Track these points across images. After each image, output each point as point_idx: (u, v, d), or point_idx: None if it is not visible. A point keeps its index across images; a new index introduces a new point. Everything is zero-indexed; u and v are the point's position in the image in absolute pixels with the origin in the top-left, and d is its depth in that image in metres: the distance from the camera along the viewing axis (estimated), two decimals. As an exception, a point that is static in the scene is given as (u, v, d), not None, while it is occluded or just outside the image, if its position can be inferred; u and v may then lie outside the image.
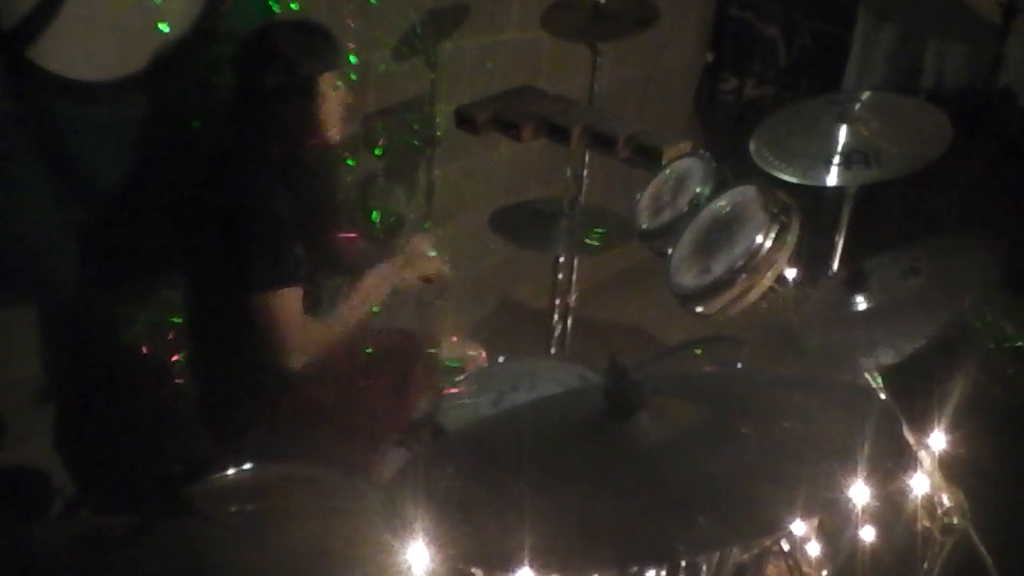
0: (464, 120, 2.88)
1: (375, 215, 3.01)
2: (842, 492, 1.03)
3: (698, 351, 2.51)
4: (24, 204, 2.09)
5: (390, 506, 1.18)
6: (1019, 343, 2.43)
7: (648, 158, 2.66)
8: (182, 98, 2.30)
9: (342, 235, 2.36)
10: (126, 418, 2.45)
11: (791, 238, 2.07)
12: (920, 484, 1.79)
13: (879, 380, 1.86)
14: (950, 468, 1.84)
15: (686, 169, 2.47)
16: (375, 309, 2.21)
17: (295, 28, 2.12)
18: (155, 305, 2.39)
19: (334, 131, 2.16)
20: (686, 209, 2.35)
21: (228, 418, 2.18)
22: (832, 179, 2.31)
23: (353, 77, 2.33)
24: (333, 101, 2.12)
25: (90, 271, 2.25)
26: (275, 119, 2.07)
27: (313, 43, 2.09)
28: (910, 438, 1.78)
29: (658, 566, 1.37)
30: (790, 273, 2.05)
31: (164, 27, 2.21)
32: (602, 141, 2.73)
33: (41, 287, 2.21)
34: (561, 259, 2.92)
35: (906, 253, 1.93)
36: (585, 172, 3.10)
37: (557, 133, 2.77)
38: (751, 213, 2.11)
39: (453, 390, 2.13)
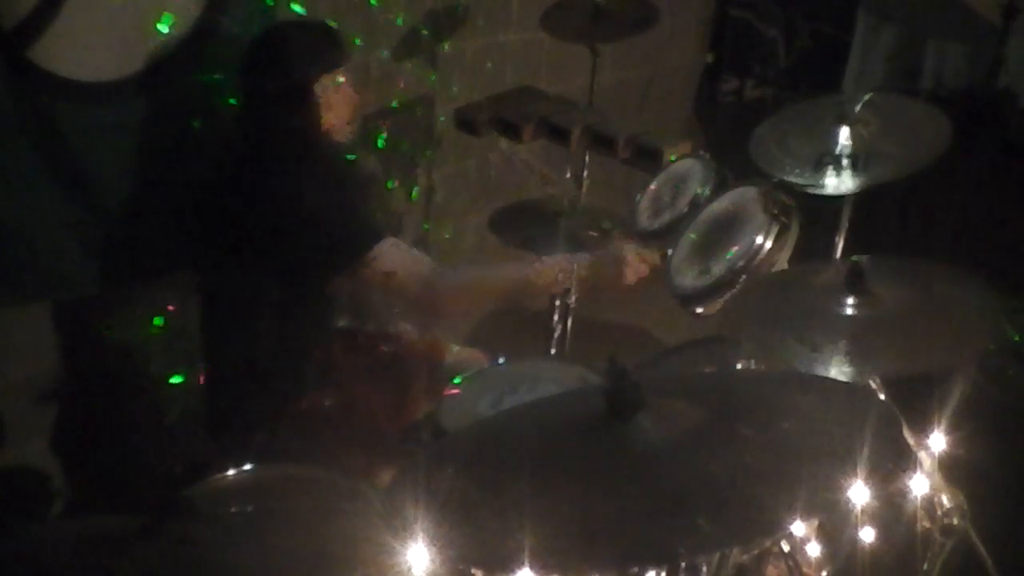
0: (464, 120, 2.89)
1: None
2: (842, 493, 1.03)
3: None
4: (24, 205, 2.09)
5: (390, 507, 1.18)
6: (1019, 343, 2.43)
7: (648, 158, 2.67)
8: (183, 99, 2.30)
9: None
10: (126, 418, 2.45)
11: (791, 238, 2.07)
12: (920, 485, 1.79)
13: (879, 380, 1.86)
14: (950, 469, 1.84)
15: (686, 169, 2.47)
16: None
17: (299, 31, 2.11)
18: (154, 306, 2.39)
19: (340, 130, 2.16)
20: (686, 210, 2.34)
21: (233, 422, 2.17)
22: (831, 183, 2.25)
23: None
24: (337, 101, 2.12)
25: (91, 271, 2.25)
26: (279, 121, 2.06)
27: (317, 46, 2.09)
28: (910, 439, 1.78)
29: (658, 567, 1.36)
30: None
31: (164, 28, 2.21)
32: (602, 142, 2.74)
33: (41, 287, 2.21)
34: (561, 259, 2.91)
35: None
36: (585, 172, 3.10)
37: (557, 133, 2.77)
38: (751, 213, 2.10)
39: (453, 391, 2.12)
